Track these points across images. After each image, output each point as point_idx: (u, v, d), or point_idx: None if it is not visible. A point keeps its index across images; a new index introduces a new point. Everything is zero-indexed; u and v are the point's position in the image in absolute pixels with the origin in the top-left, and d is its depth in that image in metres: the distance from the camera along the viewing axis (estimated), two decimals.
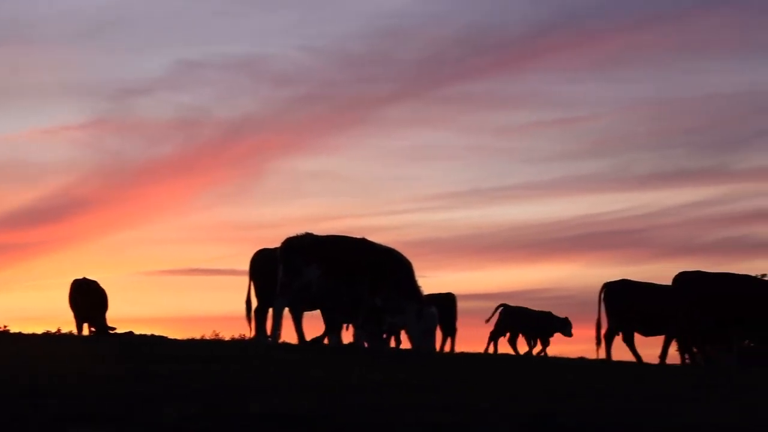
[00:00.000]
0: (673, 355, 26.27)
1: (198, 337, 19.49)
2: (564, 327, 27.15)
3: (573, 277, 45.29)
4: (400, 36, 48.54)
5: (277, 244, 18.34)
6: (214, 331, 20.95)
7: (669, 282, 20.55)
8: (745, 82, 49.55)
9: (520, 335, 27.80)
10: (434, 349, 17.99)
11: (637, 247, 47.79)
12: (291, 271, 17.03)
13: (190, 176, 49.05)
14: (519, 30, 48.38)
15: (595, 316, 21.08)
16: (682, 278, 19.89)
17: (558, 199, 49.34)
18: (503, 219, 49.23)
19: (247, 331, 18.96)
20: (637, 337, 21.26)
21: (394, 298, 17.04)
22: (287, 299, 17.19)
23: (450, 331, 25.62)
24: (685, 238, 47.58)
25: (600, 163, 52.00)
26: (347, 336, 19.26)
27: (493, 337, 27.30)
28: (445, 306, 23.31)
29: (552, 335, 27.41)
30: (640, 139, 51.54)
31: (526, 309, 27.40)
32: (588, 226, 47.88)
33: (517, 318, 26.92)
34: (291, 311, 18.12)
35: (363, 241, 17.45)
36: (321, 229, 17.73)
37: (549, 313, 27.60)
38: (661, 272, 47.09)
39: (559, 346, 28.51)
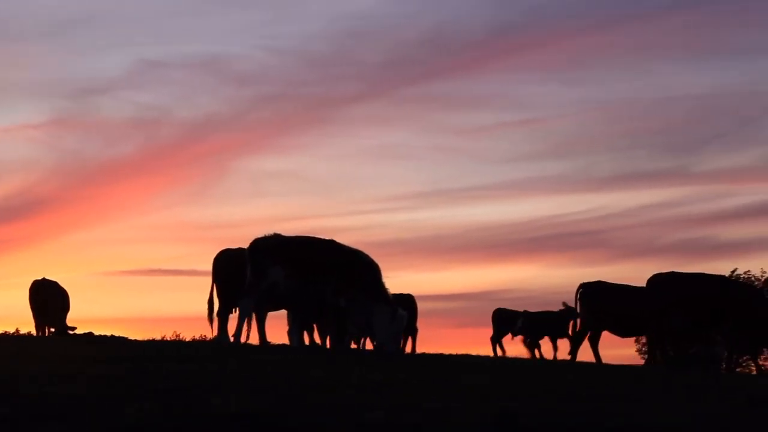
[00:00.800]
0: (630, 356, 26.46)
1: (158, 337, 19.33)
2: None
3: (535, 278, 45.51)
4: (364, 36, 48.57)
5: (240, 245, 18.28)
6: (174, 331, 20.80)
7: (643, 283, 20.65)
8: (705, 85, 50.02)
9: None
10: (399, 350, 17.90)
11: (598, 248, 48.13)
12: (258, 271, 16.97)
13: (151, 176, 48.77)
14: (483, 31, 48.54)
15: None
16: (656, 279, 20.02)
17: (520, 200, 49.56)
18: (467, 219, 49.36)
19: (209, 332, 18.84)
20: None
21: (361, 300, 16.99)
22: (254, 299, 17.10)
23: (411, 332, 25.76)
24: (646, 240, 47.97)
25: (562, 165, 52.28)
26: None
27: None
28: (406, 307, 23.37)
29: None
30: (601, 141, 51.90)
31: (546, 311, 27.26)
32: (550, 227, 48.16)
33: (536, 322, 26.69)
34: (255, 312, 18.01)
35: (330, 242, 17.40)
36: (285, 229, 17.69)
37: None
38: (622, 273, 47.57)
39: (519, 347, 28.58)
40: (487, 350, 28.03)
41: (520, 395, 9.79)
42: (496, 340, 27.49)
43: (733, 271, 28.88)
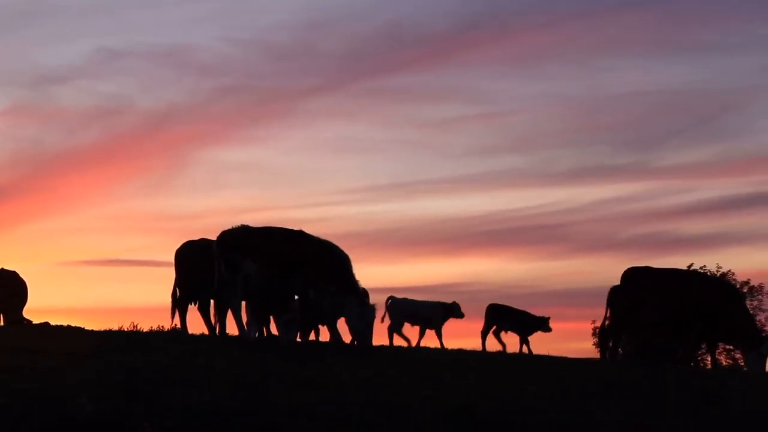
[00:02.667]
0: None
1: (116, 328, 19.06)
2: (543, 325, 26.72)
3: (494, 272, 45.49)
4: (325, 28, 48.28)
5: (201, 236, 18.03)
6: (132, 322, 20.54)
7: None
8: (665, 81, 50.11)
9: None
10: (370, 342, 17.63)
11: (557, 242, 48.22)
12: (230, 266, 16.64)
13: (111, 166, 48.25)
14: (443, 25, 48.42)
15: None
16: (630, 273, 20.09)
17: (479, 194, 49.46)
18: (425, 213, 49.21)
19: (167, 323, 18.60)
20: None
21: (332, 292, 16.76)
22: (237, 296, 16.75)
23: None
24: (605, 234, 48.12)
25: (522, 159, 52.22)
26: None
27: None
28: None
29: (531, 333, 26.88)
30: (561, 136, 51.92)
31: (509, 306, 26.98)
32: (509, 221, 48.17)
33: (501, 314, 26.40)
34: (217, 304, 17.73)
35: (300, 233, 17.16)
36: (245, 220, 17.38)
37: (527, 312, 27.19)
38: (581, 268, 47.51)
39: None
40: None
41: (496, 392, 9.86)
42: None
43: (689, 266, 29.03)
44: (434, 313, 25.12)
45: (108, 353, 11.86)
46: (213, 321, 17.58)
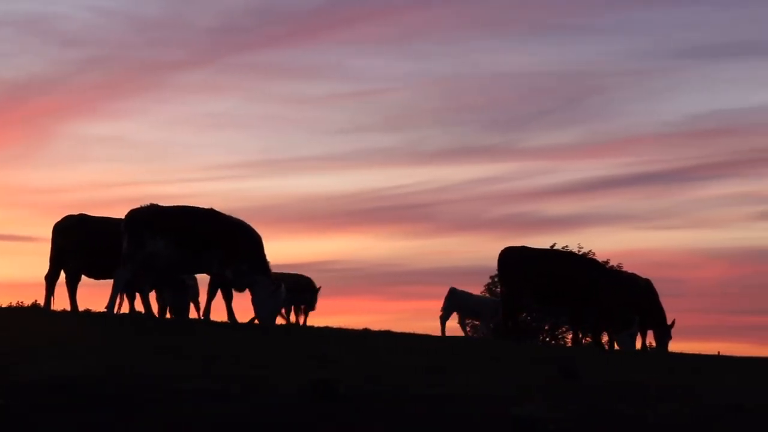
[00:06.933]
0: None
1: None
2: None
3: (364, 250, 45.96)
4: (194, 1, 47.69)
5: (65, 210, 17.89)
6: None
7: None
8: (532, 63, 51.14)
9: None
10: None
11: (426, 221, 49.05)
12: (135, 242, 16.41)
13: None
14: (315, 1, 48.42)
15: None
16: (507, 253, 20.32)
17: (350, 172, 49.79)
18: (295, 190, 49.31)
19: (26, 299, 18.35)
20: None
21: (243, 271, 16.57)
22: (130, 271, 16.50)
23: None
24: (472, 213, 49.14)
25: (392, 137, 52.74)
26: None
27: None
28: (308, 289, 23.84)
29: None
30: (431, 115, 52.60)
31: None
32: (379, 199, 48.67)
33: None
34: (138, 283, 17.42)
35: (211, 212, 16.96)
36: (110, 196, 17.32)
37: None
38: (449, 246, 48.34)
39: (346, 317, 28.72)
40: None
41: (363, 368, 9.95)
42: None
43: (552, 246, 29.77)
44: (483, 309, 25.31)
45: None
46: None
